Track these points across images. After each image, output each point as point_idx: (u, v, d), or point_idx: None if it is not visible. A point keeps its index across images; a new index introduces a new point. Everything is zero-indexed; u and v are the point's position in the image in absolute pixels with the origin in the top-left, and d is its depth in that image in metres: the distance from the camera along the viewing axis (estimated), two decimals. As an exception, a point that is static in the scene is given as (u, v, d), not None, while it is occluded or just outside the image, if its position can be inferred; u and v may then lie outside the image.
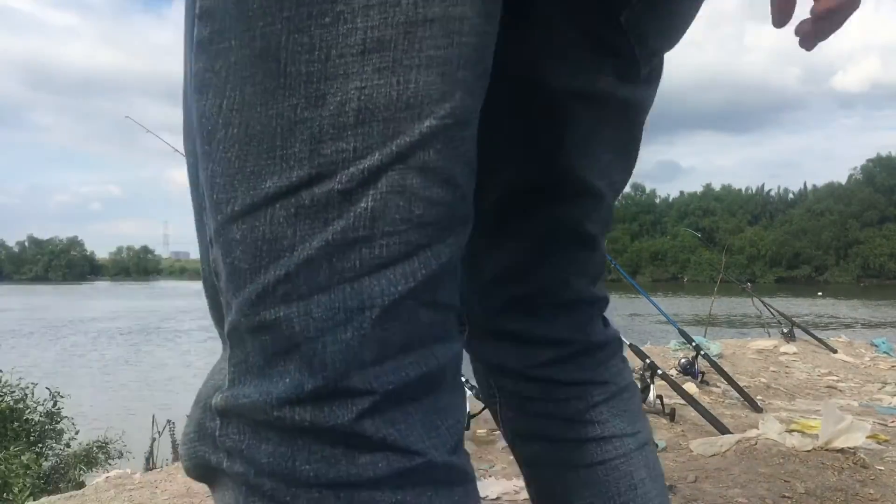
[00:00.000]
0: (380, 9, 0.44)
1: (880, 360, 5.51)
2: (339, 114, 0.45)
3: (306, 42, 0.45)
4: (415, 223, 0.46)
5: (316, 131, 0.45)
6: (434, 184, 0.46)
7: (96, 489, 2.22)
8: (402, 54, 0.45)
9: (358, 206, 0.45)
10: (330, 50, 0.45)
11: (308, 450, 0.45)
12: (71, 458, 6.74)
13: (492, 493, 2.12)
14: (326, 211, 0.45)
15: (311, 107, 0.45)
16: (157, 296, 58.77)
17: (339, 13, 0.44)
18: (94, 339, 24.17)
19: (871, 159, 66.90)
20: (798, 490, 2.21)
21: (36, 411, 6.80)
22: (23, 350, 20.42)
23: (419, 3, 0.45)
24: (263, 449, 0.45)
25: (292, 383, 0.44)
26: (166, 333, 26.56)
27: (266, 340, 0.45)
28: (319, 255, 0.44)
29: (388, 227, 0.45)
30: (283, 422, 0.44)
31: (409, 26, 0.45)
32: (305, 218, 0.45)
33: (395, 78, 0.45)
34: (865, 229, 61.13)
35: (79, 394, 10.50)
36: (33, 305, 45.23)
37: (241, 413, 0.46)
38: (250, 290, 0.46)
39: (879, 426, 3.05)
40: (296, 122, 0.45)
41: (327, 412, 0.44)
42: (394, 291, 0.45)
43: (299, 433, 0.45)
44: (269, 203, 0.45)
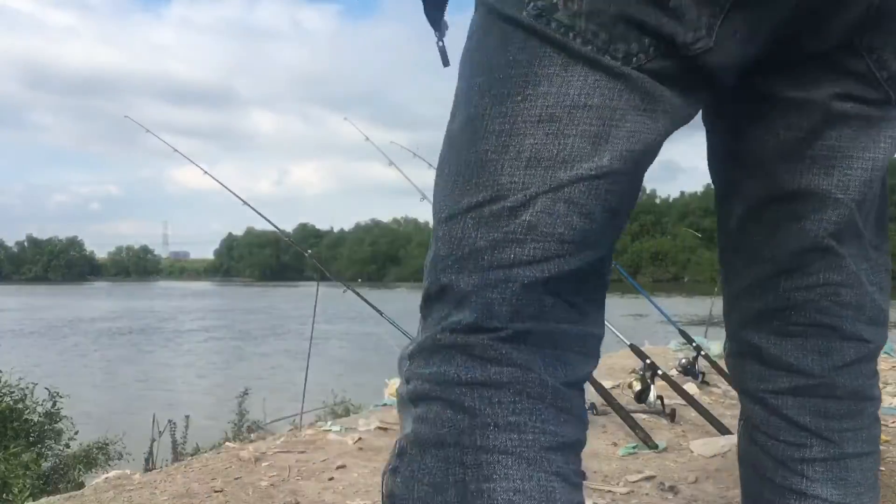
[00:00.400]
0: (555, 95, 0.66)
1: (881, 359, 5.51)
2: (516, 158, 0.66)
3: (502, 111, 0.67)
4: (555, 238, 0.66)
5: (498, 168, 0.67)
6: (574, 214, 0.66)
7: (96, 490, 2.21)
8: (565, 126, 0.66)
9: (519, 219, 0.66)
10: (517, 117, 0.67)
11: (457, 362, 0.67)
12: (70, 458, 6.73)
13: (492, 494, 2.12)
14: (498, 221, 0.67)
15: (498, 152, 0.67)
16: (157, 296, 58.75)
17: (528, 95, 0.66)
18: (94, 340, 24.14)
19: (870, 159, 66.86)
20: (799, 491, 2.21)
21: (35, 411, 6.80)
22: (24, 350, 20.40)
23: (584, 93, 0.65)
24: (428, 367, 0.69)
25: (454, 319, 0.68)
26: (167, 334, 26.54)
27: (442, 296, 0.69)
28: (487, 247, 0.67)
29: (537, 237, 0.66)
30: (445, 342, 0.68)
31: (573, 108, 0.65)
32: (484, 225, 0.67)
33: (558, 141, 0.66)
34: (865, 229, 60.97)
35: (79, 394, 10.49)
36: (34, 305, 45.21)
37: (421, 348, 0.71)
38: (440, 268, 0.70)
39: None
40: (486, 161, 0.68)
41: (472, 338, 0.67)
42: (528, 278, 0.66)
43: (454, 349, 0.68)
44: (463, 214, 0.69)
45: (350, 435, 2.86)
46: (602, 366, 4.67)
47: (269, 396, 9.56)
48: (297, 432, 3.01)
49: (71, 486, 5.55)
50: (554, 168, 0.65)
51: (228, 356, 20.12)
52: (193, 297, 57.65)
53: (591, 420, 3.38)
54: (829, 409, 0.82)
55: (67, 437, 7.04)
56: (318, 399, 8.56)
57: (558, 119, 0.66)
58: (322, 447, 2.70)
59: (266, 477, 2.28)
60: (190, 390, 14.71)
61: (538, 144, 0.66)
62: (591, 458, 2.60)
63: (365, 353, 19.22)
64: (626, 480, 2.32)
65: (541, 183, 0.65)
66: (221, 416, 8.58)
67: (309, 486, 2.22)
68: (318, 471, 2.37)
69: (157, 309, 40.49)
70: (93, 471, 6.52)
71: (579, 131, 0.65)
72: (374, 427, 2.99)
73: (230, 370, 17.34)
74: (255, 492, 2.14)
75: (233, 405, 7.84)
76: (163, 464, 6.38)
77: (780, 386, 0.83)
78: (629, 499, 2.17)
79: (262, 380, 14.84)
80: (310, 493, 2.14)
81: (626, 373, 4.35)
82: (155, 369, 17.85)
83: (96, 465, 6.74)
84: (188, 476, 2.31)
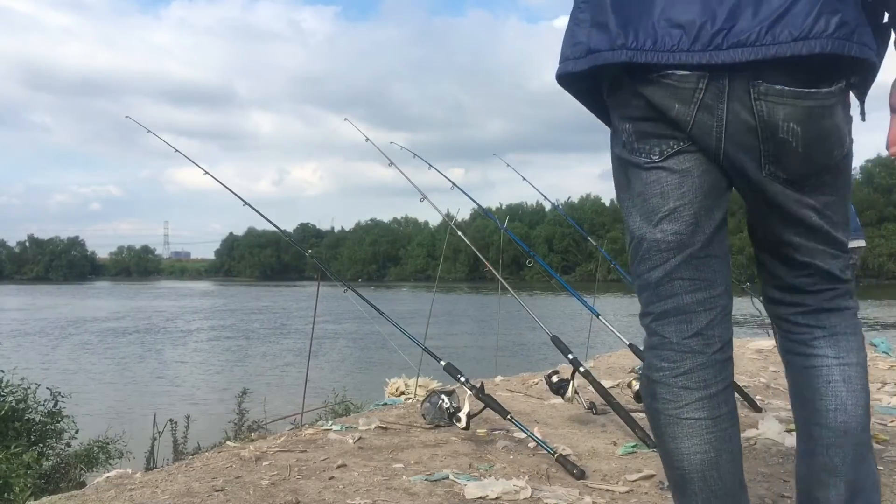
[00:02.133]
0: (640, 185, 1.37)
1: (879, 359, 5.51)
2: (636, 216, 1.40)
3: (627, 195, 1.41)
4: (661, 249, 1.36)
5: (639, 220, 1.39)
6: (671, 236, 1.35)
7: (97, 489, 2.22)
8: (647, 198, 1.36)
9: (646, 245, 1.38)
10: (630, 199, 1.40)
11: (646, 334, 1.44)
12: (71, 457, 6.73)
13: (492, 493, 2.13)
14: (640, 245, 1.39)
15: (627, 213, 1.42)
16: (159, 296, 58.75)
17: (629, 187, 1.40)
18: (98, 339, 24.13)
19: (870, 159, 66.81)
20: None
21: (37, 411, 6.79)
22: (25, 350, 20.41)
23: (649, 179, 1.37)
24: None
25: (640, 314, 1.44)
26: (169, 334, 26.54)
27: (637, 294, 1.44)
28: (637, 265, 1.41)
29: (655, 252, 1.37)
30: (642, 325, 1.45)
31: (646, 186, 1.36)
32: (633, 258, 1.42)
33: (646, 206, 1.37)
34: (864, 229, 60.87)
35: (80, 394, 10.50)
36: (36, 305, 45.20)
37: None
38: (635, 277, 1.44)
39: (879, 426, 3.05)
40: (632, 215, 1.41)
41: (643, 320, 1.43)
42: (659, 277, 1.37)
43: (644, 329, 1.44)
44: (629, 253, 1.43)
45: (350, 434, 2.86)
46: (601, 366, 4.68)
47: (270, 396, 9.56)
48: (298, 431, 3.02)
49: (72, 486, 5.56)
50: (651, 216, 1.36)
51: (230, 356, 20.11)
52: (195, 296, 57.64)
53: (590, 419, 3.40)
54: (823, 315, 1.46)
55: (69, 437, 7.04)
56: (318, 398, 8.57)
57: (643, 195, 1.36)
58: (322, 446, 2.71)
59: (267, 476, 2.29)
60: (191, 390, 14.71)
61: (640, 210, 1.37)
62: (590, 457, 2.60)
63: (365, 352, 19.22)
64: (625, 479, 2.33)
65: (653, 229, 1.36)
66: (223, 415, 8.58)
67: (309, 484, 2.22)
68: (319, 470, 2.38)
69: (160, 309, 40.46)
70: (94, 470, 6.52)
71: (655, 195, 1.35)
72: (374, 426, 3.00)
73: (231, 370, 17.33)
74: (256, 491, 2.15)
75: (234, 404, 7.84)
76: (164, 463, 6.39)
77: (799, 310, 1.47)
78: (628, 497, 2.17)
79: (263, 379, 14.86)
80: (310, 492, 2.15)
81: (625, 372, 4.36)
82: (157, 369, 17.85)
83: (97, 465, 6.74)
84: (189, 475, 2.31)
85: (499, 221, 4.33)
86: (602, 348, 5.70)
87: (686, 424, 1.33)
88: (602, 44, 1.27)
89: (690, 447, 1.32)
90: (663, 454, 1.38)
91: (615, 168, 1.42)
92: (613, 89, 1.34)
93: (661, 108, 1.27)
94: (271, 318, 32.52)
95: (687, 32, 1.21)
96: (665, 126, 1.30)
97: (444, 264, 64.16)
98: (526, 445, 2.69)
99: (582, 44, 1.31)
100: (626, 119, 1.34)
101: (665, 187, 1.33)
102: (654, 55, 1.23)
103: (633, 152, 1.35)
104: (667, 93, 1.26)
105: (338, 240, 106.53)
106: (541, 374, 3.88)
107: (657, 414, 1.36)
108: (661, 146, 1.32)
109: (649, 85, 1.27)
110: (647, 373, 1.40)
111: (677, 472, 1.35)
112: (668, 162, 1.32)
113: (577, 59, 1.32)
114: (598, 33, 1.28)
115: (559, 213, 13.81)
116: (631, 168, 1.36)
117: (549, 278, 4.09)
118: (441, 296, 45.19)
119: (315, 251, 4.08)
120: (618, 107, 1.35)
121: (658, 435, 1.39)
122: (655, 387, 1.37)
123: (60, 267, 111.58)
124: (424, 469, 2.42)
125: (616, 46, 1.25)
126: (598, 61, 1.28)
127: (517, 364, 11.36)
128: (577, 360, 3.07)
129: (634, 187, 1.36)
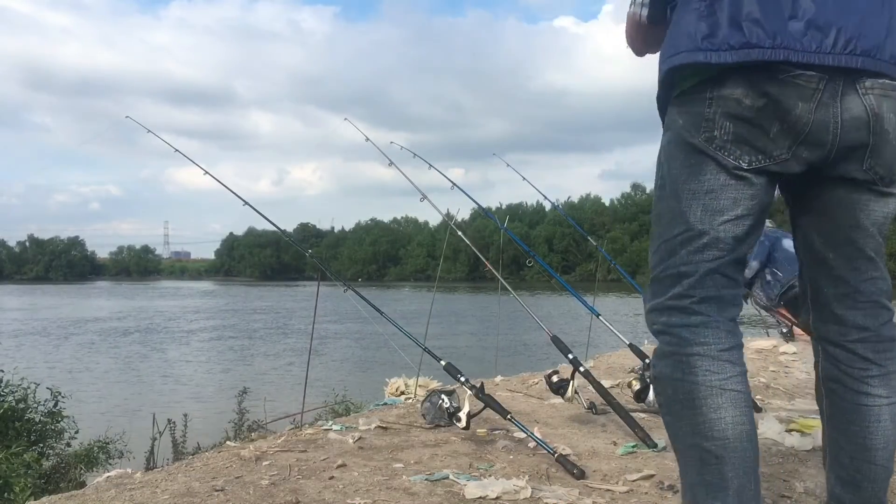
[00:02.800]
0: (710, 181, 1.42)
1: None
2: (697, 210, 1.44)
3: (690, 188, 1.44)
4: (720, 247, 1.43)
5: (689, 215, 1.45)
6: (731, 238, 1.43)
7: (97, 489, 2.22)
8: (718, 195, 1.42)
9: (707, 239, 1.43)
10: (695, 192, 1.44)
11: (671, 315, 1.46)
12: (71, 457, 6.73)
13: (492, 493, 2.13)
14: (700, 236, 1.43)
15: (689, 207, 1.44)
16: (160, 296, 58.72)
17: (700, 180, 1.43)
18: (100, 339, 24.10)
19: (871, 159, 66.75)
20: (797, 490, 2.21)
21: (37, 411, 6.80)
22: (25, 350, 20.41)
23: (720, 180, 1.42)
24: (661, 317, 1.48)
25: (671, 294, 1.47)
26: (172, 333, 26.53)
27: (664, 284, 1.48)
28: (685, 253, 1.45)
29: (713, 247, 1.42)
30: (666, 306, 1.47)
31: (723, 186, 1.42)
32: (681, 244, 1.45)
33: (714, 203, 1.42)
34: (866, 229, 60.88)
35: (80, 393, 10.50)
36: (36, 305, 45.18)
37: (655, 308, 1.50)
38: (657, 270, 1.50)
39: (879, 426, 3.04)
40: (681, 212, 1.45)
41: (681, 300, 1.45)
42: (710, 269, 1.43)
43: (669, 310, 1.47)
44: (673, 238, 1.46)
45: (350, 434, 2.86)
46: (601, 365, 4.68)
47: (271, 395, 9.56)
48: (298, 431, 3.02)
49: (72, 486, 5.56)
50: (717, 215, 1.42)
51: (230, 355, 20.10)
52: (195, 296, 57.62)
53: (590, 419, 3.40)
54: (879, 348, 1.51)
55: (69, 437, 7.04)
56: (318, 398, 8.57)
57: (714, 193, 1.41)
58: (322, 446, 2.71)
59: (267, 476, 2.29)
60: (191, 390, 14.71)
61: (706, 204, 1.42)
62: (590, 457, 2.60)
63: (365, 352, 19.22)
64: (625, 479, 2.33)
65: (709, 225, 1.42)
66: (223, 415, 8.58)
67: (309, 484, 2.23)
68: (319, 469, 2.38)
69: (160, 309, 40.45)
70: (94, 470, 6.53)
71: (728, 197, 1.41)
72: (374, 426, 3.00)
73: (231, 369, 17.33)
74: (256, 490, 2.15)
75: (234, 404, 7.84)
76: (164, 463, 6.39)
77: (852, 337, 1.52)
78: (628, 497, 2.17)
79: (263, 379, 14.86)
80: (310, 492, 2.15)
81: (625, 372, 4.35)
82: (157, 368, 17.84)
83: (97, 465, 6.74)
84: (189, 475, 2.31)
85: (499, 221, 4.34)
86: (602, 348, 5.70)
87: (731, 395, 1.38)
88: (763, 40, 1.32)
89: (735, 417, 1.37)
90: (698, 426, 1.39)
91: (682, 153, 1.45)
92: (714, 85, 1.38)
93: (786, 107, 1.34)
94: (271, 318, 32.52)
95: (826, 36, 1.32)
96: (762, 135, 1.36)
97: (444, 264, 64.20)
98: (526, 445, 2.69)
99: (728, 36, 1.34)
100: (729, 116, 1.37)
101: (739, 194, 1.41)
102: (803, 55, 1.32)
103: (720, 150, 1.39)
104: (795, 92, 1.33)
105: (338, 240, 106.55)
106: (541, 374, 3.88)
107: (695, 386, 1.39)
108: (751, 156, 1.38)
109: (776, 84, 1.33)
110: (679, 349, 1.42)
111: (718, 442, 1.37)
112: (750, 174, 1.39)
113: (722, 52, 1.34)
114: (753, 27, 1.33)
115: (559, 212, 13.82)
116: (709, 162, 1.41)
117: (549, 278, 4.09)
118: (441, 296, 45.18)
119: (315, 251, 4.07)
120: (719, 101, 1.38)
121: (694, 407, 1.39)
122: (695, 360, 1.40)
123: (60, 267, 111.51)
124: (424, 469, 2.42)
125: (777, 45, 1.31)
126: (752, 56, 1.33)
127: (517, 364, 11.36)
128: (577, 360, 3.07)
129: (706, 182, 1.41)
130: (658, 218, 1.50)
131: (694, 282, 1.43)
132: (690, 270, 1.43)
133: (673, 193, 1.46)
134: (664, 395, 1.47)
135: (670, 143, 1.48)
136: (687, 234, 1.43)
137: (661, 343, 1.48)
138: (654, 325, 1.49)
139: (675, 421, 1.45)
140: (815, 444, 2.56)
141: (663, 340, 1.47)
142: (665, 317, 1.46)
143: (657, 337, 1.50)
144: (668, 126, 1.50)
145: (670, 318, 1.45)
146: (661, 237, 1.48)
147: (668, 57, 1.44)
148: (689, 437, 1.41)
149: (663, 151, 1.50)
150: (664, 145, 1.50)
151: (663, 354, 1.47)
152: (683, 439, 1.43)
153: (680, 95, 1.46)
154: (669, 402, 1.45)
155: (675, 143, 1.46)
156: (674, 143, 1.46)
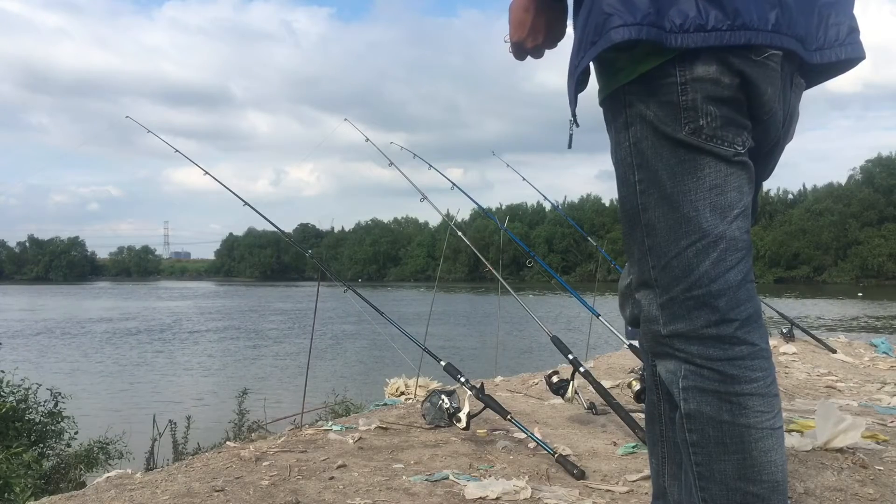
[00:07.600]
0: (712, 176, 1.21)
1: (879, 360, 5.51)
2: (706, 210, 1.22)
3: (693, 186, 1.21)
4: (738, 249, 1.23)
5: (710, 214, 1.22)
6: (745, 234, 1.25)
7: (97, 489, 2.22)
8: (724, 189, 1.22)
9: (724, 244, 1.22)
10: (697, 191, 1.21)
11: (706, 346, 1.22)
12: (72, 457, 6.72)
13: (492, 493, 2.13)
14: (716, 244, 1.21)
15: (697, 210, 1.21)
16: (160, 296, 58.69)
17: (698, 176, 1.21)
18: (100, 340, 24.09)
19: (870, 160, 66.77)
20: (797, 490, 2.21)
21: (38, 411, 6.80)
22: (26, 350, 20.40)
23: (722, 173, 1.22)
24: (696, 351, 1.22)
25: (706, 321, 1.21)
26: (172, 333, 26.52)
27: (688, 307, 1.23)
28: (709, 265, 1.21)
29: (732, 252, 1.22)
30: (700, 335, 1.22)
31: (727, 177, 1.22)
32: (698, 256, 1.22)
33: (721, 198, 1.21)
34: (865, 229, 60.89)
35: (80, 394, 10.50)
36: (37, 306, 45.16)
37: (680, 334, 1.24)
38: (674, 290, 1.25)
39: (879, 426, 3.04)
40: (689, 217, 1.22)
41: (720, 328, 1.21)
42: (739, 280, 1.22)
43: (704, 340, 1.22)
44: (685, 250, 1.23)
45: (350, 434, 2.87)
46: (601, 366, 4.68)
47: (270, 396, 9.56)
48: (298, 432, 3.02)
49: (72, 486, 5.56)
50: (727, 212, 1.22)
51: (230, 356, 20.10)
52: (196, 297, 57.59)
53: (590, 420, 3.39)
54: None
55: (69, 437, 7.04)
56: (318, 398, 8.57)
57: (720, 188, 1.21)
58: (322, 446, 2.71)
59: (267, 476, 2.29)
60: (191, 390, 14.70)
61: (713, 204, 1.21)
62: (590, 458, 2.60)
63: (365, 352, 19.23)
64: (625, 479, 2.33)
65: (720, 226, 1.21)
66: (223, 415, 8.58)
67: (309, 485, 2.23)
68: (319, 470, 2.38)
69: (161, 309, 40.43)
70: (94, 470, 6.52)
71: (733, 189, 1.22)
72: (374, 426, 3.00)
73: (231, 370, 17.33)
74: (256, 491, 2.15)
75: (234, 405, 7.84)
76: (164, 463, 6.38)
77: None
78: (628, 498, 2.17)
79: (263, 379, 14.86)
80: (310, 493, 2.15)
81: (625, 373, 4.35)
82: (157, 369, 17.83)
83: (97, 465, 6.74)
84: (189, 475, 2.31)
85: (499, 221, 4.34)
86: (602, 348, 5.70)
87: (777, 435, 1.22)
88: (762, 23, 1.16)
89: (783, 457, 1.23)
90: (746, 471, 1.21)
91: (665, 150, 1.22)
92: (681, 66, 1.18)
93: (759, 90, 1.20)
94: (271, 318, 32.51)
95: (784, 14, 1.19)
96: (741, 114, 1.21)
97: (444, 264, 64.22)
98: (526, 446, 2.69)
99: (709, 16, 1.14)
100: (711, 100, 1.18)
101: (741, 181, 1.23)
102: (792, 42, 1.21)
103: (712, 140, 1.19)
104: (765, 74, 1.20)
105: (338, 240, 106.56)
106: (541, 375, 3.88)
107: (747, 430, 1.20)
108: (741, 136, 1.21)
109: (753, 65, 1.18)
110: (725, 387, 1.21)
111: (766, 486, 1.21)
112: (745, 156, 1.23)
113: (708, 33, 1.14)
114: (750, 4, 1.15)
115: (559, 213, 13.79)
116: (704, 156, 1.20)
117: (549, 278, 4.09)
118: (441, 296, 45.19)
119: (315, 251, 4.08)
120: (695, 85, 1.18)
121: (743, 451, 1.21)
122: (748, 400, 1.20)
123: (60, 267, 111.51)
124: (424, 469, 2.42)
125: (778, 29, 1.17)
126: (751, 39, 1.15)
127: (517, 364, 11.37)
128: (577, 361, 3.07)
129: (707, 178, 1.20)
130: (650, 229, 1.25)
131: (730, 301, 1.21)
132: (721, 288, 1.20)
133: (665, 198, 1.22)
134: (702, 436, 1.23)
135: (643, 142, 1.23)
136: (702, 243, 1.20)
137: (691, 375, 1.23)
138: (677, 352, 1.24)
139: (711, 462, 1.23)
140: (815, 445, 2.56)
141: (698, 373, 1.22)
142: (697, 346, 1.22)
143: (680, 364, 1.24)
144: (629, 121, 1.24)
145: (706, 350, 1.21)
146: (666, 251, 1.23)
147: (607, 30, 1.17)
148: (732, 480, 1.22)
149: (633, 151, 1.25)
150: (633, 143, 1.24)
151: (702, 391, 1.22)
152: (722, 482, 1.23)
153: (636, 82, 1.22)
154: (707, 443, 1.23)
155: (652, 139, 1.22)
156: (650, 141, 1.22)
